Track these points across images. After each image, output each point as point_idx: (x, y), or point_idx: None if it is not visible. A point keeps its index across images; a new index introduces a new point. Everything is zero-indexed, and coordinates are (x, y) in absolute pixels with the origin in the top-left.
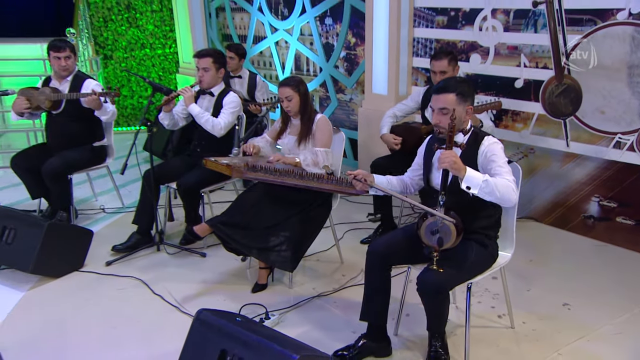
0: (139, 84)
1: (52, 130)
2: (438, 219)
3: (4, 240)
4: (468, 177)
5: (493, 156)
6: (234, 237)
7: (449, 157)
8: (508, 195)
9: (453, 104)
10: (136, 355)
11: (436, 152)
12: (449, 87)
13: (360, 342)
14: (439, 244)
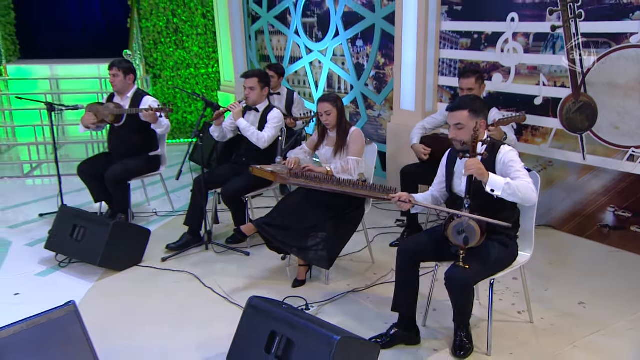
0: (183, 100)
1: (113, 141)
2: (464, 220)
3: (75, 237)
4: (491, 181)
5: (510, 162)
6: (276, 237)
7: (474, 165)
8: (529, 195)
9: (466, 120)
10: (193, 338)
11: (458, 161)
12: (462, 105)
13: (392, 331)
14: (465, 243)
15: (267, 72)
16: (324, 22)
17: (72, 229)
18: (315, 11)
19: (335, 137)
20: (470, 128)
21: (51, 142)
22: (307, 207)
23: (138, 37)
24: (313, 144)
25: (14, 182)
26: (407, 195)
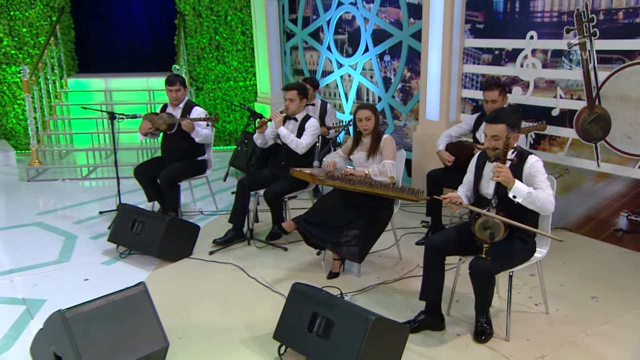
0: (223, 110)
1: (166, 147)
2: (490, 219)
3: (134, 231)
4: (515, 188)
5: (536, 172)
6: (313, 233)
7: (503, 172)
8: (547, 206)
9: (504, 133)
10: (240, 319)
11: (487, 166)
12: (502, 118)
13: (419, 317)
14: (491, 238)
15: (305, 86)
16: (355, 38)
17: (132, 224)
18: (346, 29)
19: (369, 143)
20: (504, 139)
21: (105, 148)
22: (342, 207)
23: (184, 53)
24: (348, 149)
25: (73, 183)
26: (457, 197)
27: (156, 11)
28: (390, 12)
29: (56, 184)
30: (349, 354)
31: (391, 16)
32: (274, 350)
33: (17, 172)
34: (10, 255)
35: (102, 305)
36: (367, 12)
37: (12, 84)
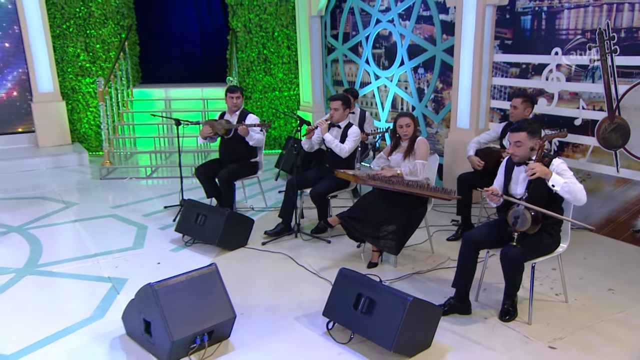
0: (268, 117)
1: (223, 150)
2: (520, 209)
3: (198, 223)
4: (553, 179)
5: (563, 171)
6: (356, 228)
7: (537, 168)
8: (581, 195)
9: (525, 139)
10: (293, 299)
11: (515, 170)
12: (522, 127)
13: (449, 302)
14: (521, 226)
15: (349, 97)
16: (391, 53)
17: (195, 217)
18: (383, 44)
19: (406, 146)
20: (527, 146)
21: (165, 151)
22: (381, 205)
23: (235, 65)
24: (388, 151)
25: (137, 182)
26: (495, 190)
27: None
28: (425, 29)
29: (124, 182)
30: (389, 330)
31: (425, 32)
32: (322, 325)
33: (90, 171)
34: (94, 241)
35: (182, 281)
36: (403, 29)
37: (86, 94)
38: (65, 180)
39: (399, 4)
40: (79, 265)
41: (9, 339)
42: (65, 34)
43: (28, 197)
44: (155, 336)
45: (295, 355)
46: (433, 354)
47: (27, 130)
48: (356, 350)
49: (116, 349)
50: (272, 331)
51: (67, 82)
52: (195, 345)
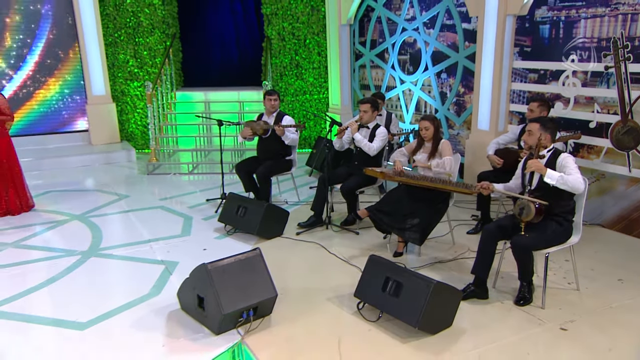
0: (299, 119)
1: (261, 148)
2: (524, 201)
3: (239, 214)
4: (548, 175)
5: (566, 163)
6: (383, 220)
7: (534, 163)
8: (577, 185)
9: (536, 130)
10: (326, 283)
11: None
12: (538, 120)
13: (468, 288)
14: (524, 216)
15: (377, 101)
16: (416, 59)
17: (237, 208)
18: (409, 50)
19: (430, 147)
20: (536, 136)
21: (204, 149)
22: (406, 199)
23: (270, 70)
24: (411, 148)
25: (180, 177)
26: (487, 184)
27: (245, 36)
28: (448, 37)
29: (169, 177)
30: (415, 309)
31: (448, 40)
32: (353, 305)
33: (137, 167)
34: (147, 229)
35: (231, 262)
36: (428, 37)
37: (134, 96)
38: (116, 175)
39: (424, 13)
40: (135, 249)
41: (82, 310)
42: (116, 42)
43: (85, 189)
44: (207, 310)
45: (330, 331)
46: (453, 332)
47: (82, 130)
48: (384, 327)
49: (172, 320)
50: (308, 310)
51: (117, 85)
52: (242, 319)
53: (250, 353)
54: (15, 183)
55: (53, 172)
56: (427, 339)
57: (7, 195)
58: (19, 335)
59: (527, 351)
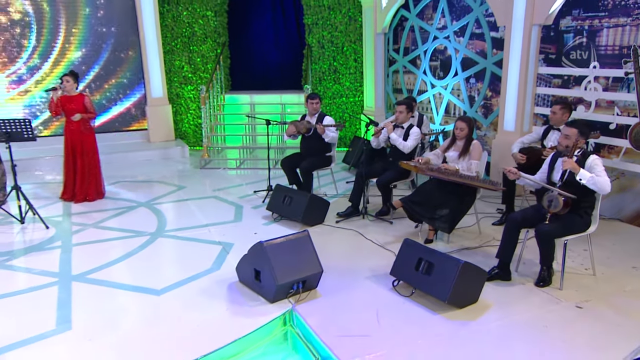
0: (339, 119)
1: (304, 145)
2: (554, 194)
3: (285, 203)
4: (581, 174)
5: (595, 166)
6: (415, 210)
7: (570, 163)
8: (604, 187)
9: (574, 135)
10: (369, 264)
11: (557, 162)
12: (576, 125)
13: (493, 270)
14: (554, 208)
15: (412, 103)
16: (446, 65)
17: (283, 198)
18: (439, 57)
19: (462, 146)
20: (573, 140)
21: (249, 147)
22: (437, 192)
23: (310, 75)
24: (444, 147)
25: (228, 171)
26: (515, 170)
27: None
28: (477, 44)
29: (219, 171)
30: (445, 286)
31: (477, 47)
32: (389, 283)
33: (190, 162)
34: (204, 215)
35: (284, 241)
36: (458, 44)
37: (187, 99)
38: (172, 169)
39: (455, 22)
40: (195, 232)
41: (156, 279)
42: (173, 50)
43: (147, 180)
44: (263, 281)
45: (369, 302)
46: (478, 307)
47: (141, 128)
48: (417, 301)
49: (233, 291)
50: (348, 285)
51: (173, 89)
52: (293, 290)
53: (300, 318)
54: (95, 173)
55: (119, 165)
56: (454, 312)
57: (89, 183)
58: (108, 298)
59: (544, 324)
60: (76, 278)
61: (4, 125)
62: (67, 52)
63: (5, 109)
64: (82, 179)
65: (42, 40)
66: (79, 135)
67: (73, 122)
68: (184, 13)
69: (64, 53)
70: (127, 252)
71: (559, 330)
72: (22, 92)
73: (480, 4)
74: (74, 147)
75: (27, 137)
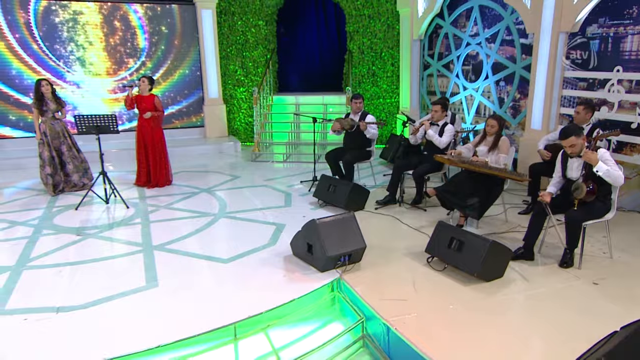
0: (380, 117)
1: (347, 140)
2: (579, 183)
3: (330, 191)
4: (599, 166)
5: (607, 159)
6: (448, 198)
7: (593, 156)
8: (618, 179)
9: (574, 140)
10: (401, 244)
11: (569, 160)
12: (567, 133)
13: (518, 250)
14: (576, 195)
15: (447, 103)
16: (477, 69)
17: (328, 186)
18: (471, 62)
19: (492, 141)
20: (579, 144)
21: (294, 143)
22: (468, 182)
23: (350, 78)
24: (475, 142)
25: (275, 164)
26: (545, 196)
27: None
28: (507, 50)
29: (268, 164)
30: (474, 261)
31: (507, 53)
32: (424, 260)
33: (242, 156)
34: (259, 201)
35: (333, 220)
36: (489, 50)
37: (239, 99)
38: (226, 162)
39: (487, 30)
40: (252, 214)
41: (223, 251)
42: (228, 56)
43: (205, 170)
44: (315, 253)
45: (406, 275)
46: (504, 281)
47: (198, 125)
48: (448, 275)
49: (288, 261)
50: (388, 261)
51: (227, 90)
52: (340, 262)
53: (347, 285)
54: (164, 163)
55: (180, 158)
56: (482, 284)
57: (159, 172)
58: (184, 264)
59: (563, 296)
60: (157, 248)
61: (94, 120)
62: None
63: (99, 108)
64: (153, 168)
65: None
66: (149, 130)
67: (144, 119)
68: (238, 23)
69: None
70: (196, 229)
71: (577, 301)
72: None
73: (511, 12)
74: (145, 140)
75: (112, 130)
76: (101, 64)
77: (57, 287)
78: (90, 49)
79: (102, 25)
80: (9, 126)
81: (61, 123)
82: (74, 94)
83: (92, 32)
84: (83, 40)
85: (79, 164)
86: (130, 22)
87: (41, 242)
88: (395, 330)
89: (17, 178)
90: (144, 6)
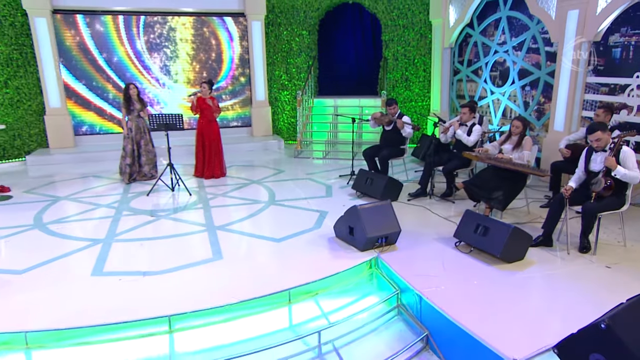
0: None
1: (384, 137)
2: (599, 178)
3: (367, 183)
4: (617, 170)
5: (627, 160)
6: (475, 191)
7: (612, 162)
8: (634, 180)
9: (600, 135)
10: (431, 230)
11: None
12: (594, 128)
13: (538, 238)
14: (594, 188)
15: (475, 106)
16: (504, 75)
17: (365, 179)
18: (499, 68)
19: (516, 140)
20: (604, 138)
21: (332, 141)
22: (493, 177)
23: (385, 83)
24: (501, 141)
25: (315, 160)
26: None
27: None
28: (532, 57)
29: (309, 160)
30: (498, 244)
31: (533, 60)
32: (452, 244)
33: (285, 153)
34: (303, 191)
35: (372, 206)
36: (515, 57)
37: (283, 102)
38: (272, 158)
39: (514, 39)
40: (297, 202)
41: (275, 232)
42: (274, 62)
43: (254, 165)
44: (355, 235)
45: (436, 256)
46: (525, 263)
47: (246, 125)
48: (474, 257)
49: (331, 242)
50: (420, 244)
51: (272, 94)
52: (378, 243)
53: (385, 263)
54: (220, 156)
55: (230, 154)
56: (505, 265)
57: (215, 164)
58: (242, 241)
59: (578, 277)
60: (218, 228)
61: (164, 118)
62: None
63: (168, 109)
64: (209, 160)
65: None
66: (208, 127)
67: (204, 117)
68: (284, 32)
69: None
70: (250, 214)
71: (590, 280)
72: None
73: (537, 23)
74: (203, 136)
75: (178, 127)
76: (183, 73)
77: (140, 256)
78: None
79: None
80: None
81: (143, 121)
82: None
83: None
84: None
85: (152, 157)
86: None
87: (122, 221)
88: (427, 299)
89: (95, 169)
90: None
